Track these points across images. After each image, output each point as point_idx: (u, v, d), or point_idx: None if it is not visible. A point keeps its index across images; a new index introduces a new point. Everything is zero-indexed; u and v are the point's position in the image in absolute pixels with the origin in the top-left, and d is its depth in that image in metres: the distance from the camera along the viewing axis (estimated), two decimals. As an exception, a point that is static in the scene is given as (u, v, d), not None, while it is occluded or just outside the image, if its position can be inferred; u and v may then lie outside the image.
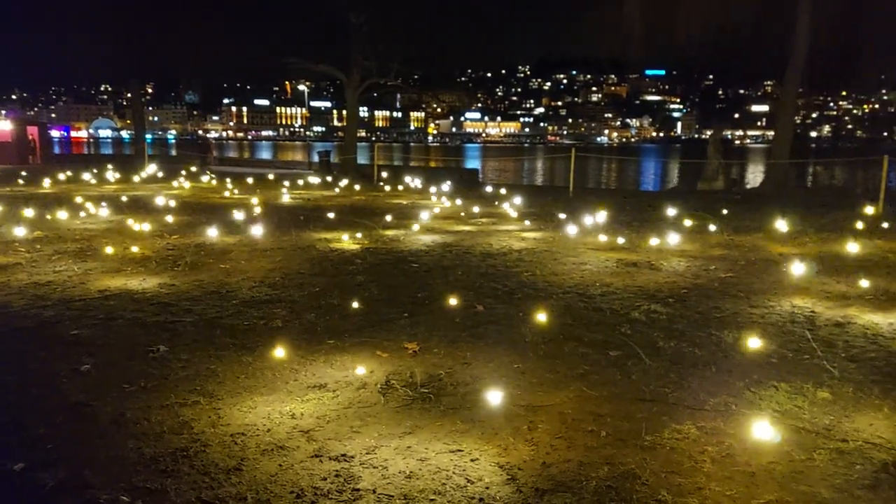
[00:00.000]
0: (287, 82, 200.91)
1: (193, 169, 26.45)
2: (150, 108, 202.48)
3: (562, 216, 13.18)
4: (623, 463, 3.39)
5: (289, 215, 13.31)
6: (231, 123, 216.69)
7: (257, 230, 10.70)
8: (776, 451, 3.53)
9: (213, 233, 10.53)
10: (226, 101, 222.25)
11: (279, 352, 4.97)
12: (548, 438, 3.68)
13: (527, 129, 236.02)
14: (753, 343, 5.27)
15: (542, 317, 5.91)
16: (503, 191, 19.51)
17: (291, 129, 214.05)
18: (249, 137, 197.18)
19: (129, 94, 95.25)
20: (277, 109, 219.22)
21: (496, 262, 8.69)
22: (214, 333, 5.52)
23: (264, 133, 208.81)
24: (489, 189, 20.91)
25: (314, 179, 23.24)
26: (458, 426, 3.82)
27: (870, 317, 6.18)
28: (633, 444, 3.62)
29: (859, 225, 11.86)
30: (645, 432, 3.75)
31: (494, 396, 4.09)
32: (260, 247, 9.62)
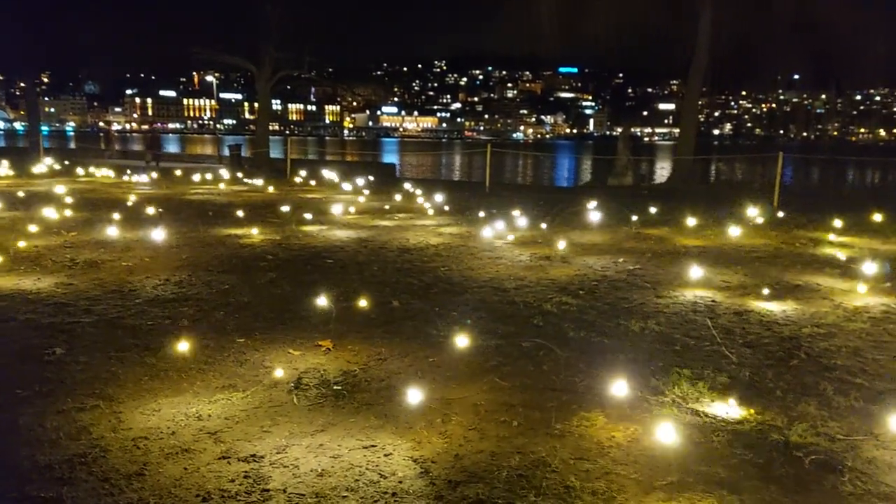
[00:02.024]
0: (195, 73, 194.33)
1: (95, 162, 25.18)
2: (47, 99, 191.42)
3: (478, 211, 13.30)
4: (534, 451, 3.45)
5: (197, 211, 12.88)
6: (135, 115, 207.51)
7: (163, 226, 10.30)
8: (678, 434, 3.67)
9: (114, 229, 10.06)
10: (129, 91, 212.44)
11: (185, 352, 4.80)
12: (461, 430, 3.70)
13: (444, 125, 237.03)
14: (659, 332, 5.47)
15: (457, 311, 5.95)
16: (420, 186, 19.52)
17: (200, 122, 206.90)
18: (154, 129, 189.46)
19: (22, 84, 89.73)
20: (185, 101, 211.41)
21: (412, 258, 8.68)
22: (116, 334, 5.28)
23: (171, 126, 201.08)
24: (406, 184, 20.89)
25: (224, 174, 22.57)
26: (371, 422, 3.80)
27: (765, 305, 6.53)
28: (543, 432, 3.69)
29: (757, 218, 12.52)
30: (555, 421, 3.83)
31: (409, 391, 4.08)
32: (165, 244, 9.26)
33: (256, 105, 33.04)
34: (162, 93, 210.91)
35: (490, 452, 3.45)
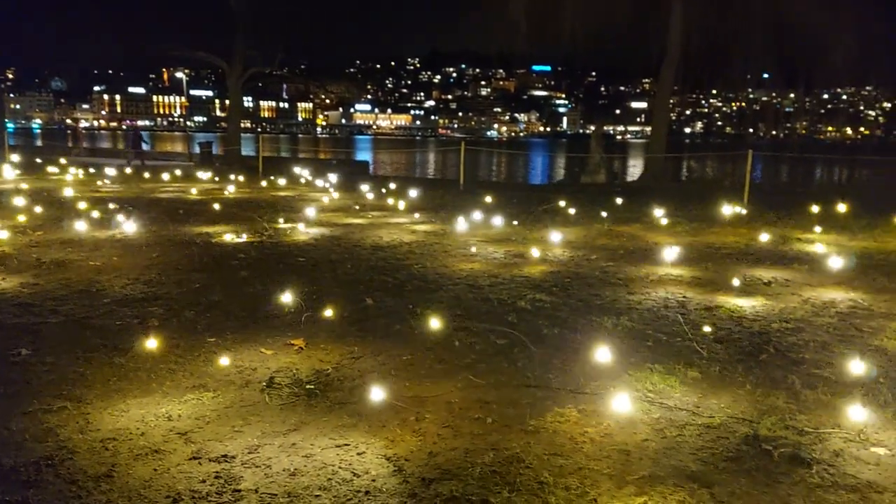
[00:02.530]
0: (164, 70, 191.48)
1: (63, 161, 24.71)
2: (12, 95, 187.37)
3: (452, 209, 13.30)
4: (508, 448, 3.46)
5: (167, 209, 12.71)
6: (103, 112, 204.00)
7: (132, 225, 10.15)
8: (650, 429, 3.71)
9: (82, 228, 9.89)
10: (97, 88, 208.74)
11: (155, 352, 4.73)
12: (435, 428, 3.70)
13: (418, 122, 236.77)
14: (631, 328, 5.51)
15: (431, 309, 5.94)
16: (394, 183, 19.46)
17: (170, 119, 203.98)
18: (124, 127, 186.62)
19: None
20: (154, 98, 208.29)
21: (386, 255, 8.65)
22: (83, 335, 5.18)
23: (140, 123, 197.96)
24: (380, 182, 20.81)
25: (195, 171, 22.30)
26: (344, 421, 3.77)
27: (735, 300, 6.62)
28: (517, 428, 3.70)
29: (727, 215, 12.68)
30: (529, 417, 3.84)
31: (382, 389, 4.07)
32: (134, 242, 9.12)
33: (227, 102, 32.67)
34: (131, 89, 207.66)
35: (464, 449, 3.44)
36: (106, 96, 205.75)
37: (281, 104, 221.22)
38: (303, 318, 5.70)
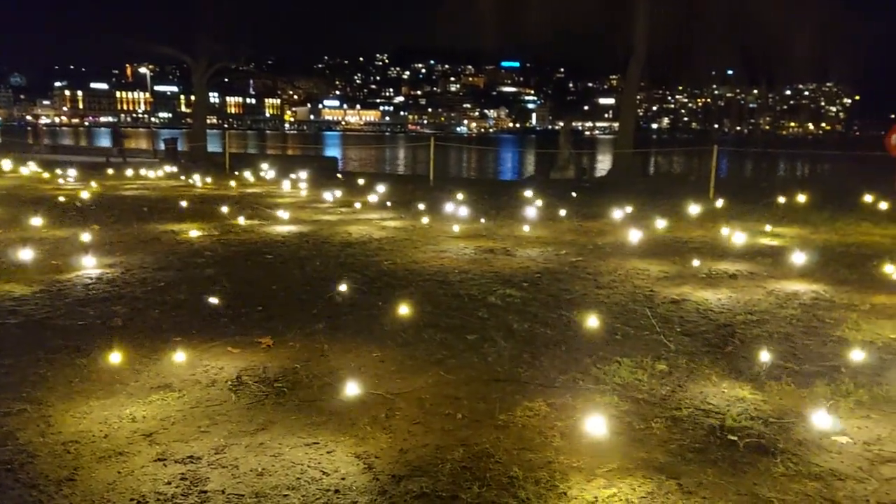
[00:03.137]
0: (128, 65, 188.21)
1: (24, 158, 24.11)
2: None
3: (422, 205, 13.27)
4: (478, 443, 3.46)
5: (131, 207, 12.48)
6: (65, 108, 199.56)
7: (95, 223, 9.94)
8: (619, 422, 3.74)
9: (42, 227, 9.65)
10: (58, 84, 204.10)
11: (118, 352, 4.63)
12: (405, 425, 3.68)
13: (387, 118, 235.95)
14: (600, 322, 5.55)
15: (401, 305, 5.91)
16: (363, 179, 19.37)
17: (134, 115, 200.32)
18: (87, 123, 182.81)
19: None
20: (118, 94, 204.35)
21: (356, 252, 8.60)
22: (44, 335, 5.06)
23: (103, 119, 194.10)
24: (349, 178, 20.69)
25: (160, 168, 21.94)
26: (313, 419, 3.74)
27: (701, 293, 6.70)
28: (487, 424, 3.70)
29: (694, 210, 12.84)
30: (499, 412, 3.84)
31: (352, 386, 4.04)
32: (98, 241, 8.94)
33: (193, 98, 32.19)
34: (93, 85, 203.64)
35: (435, 446, 3.43)
36: (67, 92, 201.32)
37: (248, 100, 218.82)
38: (271, 315, 5.64)
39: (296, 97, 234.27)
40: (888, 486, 3.12)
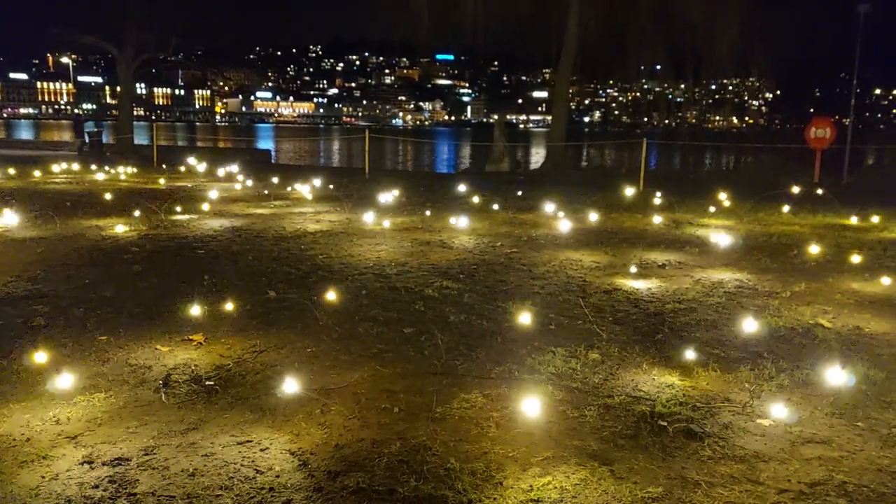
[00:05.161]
0: (49, 55, 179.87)
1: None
2: None
3: (358, 198, 13.16)
4: (415, 436, 3.46)
5: (53, 201, 11.95)
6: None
7: (12, 218, 9.48)
8: (554, 411, 3.80)
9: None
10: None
11: (41, 353, 4.43)
12: (341, 420, 3.65)
13: (321, 110, 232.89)
14: (535, 312, 5.63)
15: (337, 299, 5.86)
16: (297, 172, 19.07)
17: (56, 107, 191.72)
18: (4, 115, 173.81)
19: None
20: (38, 84, 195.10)
21: (290, 246, 8.46)
22: (-43, 337, 4.80)
23: (23, 111, 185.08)
24: (282, 171, 20.33)
25: (84, 161, 21.08)
26: (246, 417, 3.66)
27: (632, 283, 6.87)
28: (424, 417, 3.70)
29: (624, 201, 13.16)
30: (436, 404, 3.85)
31: (286, 383, 3.97)
32: (16, 237, 8.53)
33: (118, 89, 31.01)
34: (12, 75, 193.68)
35: (371, 440, 3.42)
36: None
37: (177, 91, 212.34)
38: (202, 312, 5.49)
39: (227, 88, 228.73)
40: (808, 466, 3.27)
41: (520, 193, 14.50)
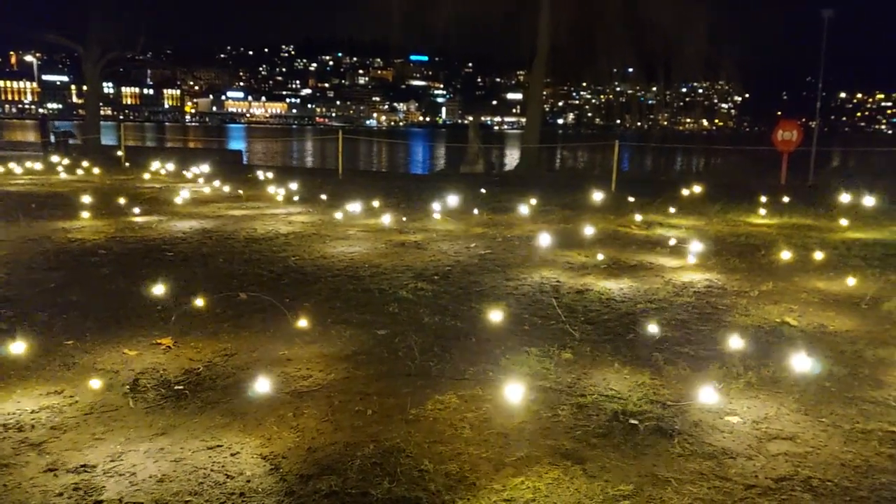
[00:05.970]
0: (12, 53, 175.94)
1: None
2: None
3: (331, 199, 13.09)
4: (388, 438, 3.44)
5: (17, 202, 11.71)
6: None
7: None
8: (527, 411, 3.81)
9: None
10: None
11: (2, 358, 4.33)
12: (314, 423, 3.62)
13: (294, 111, 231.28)
14: (509, 313, 5.64)
15: (310, 301, 5.81)
16: (270, 173, 18.91)
17: (20, 106, 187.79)
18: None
19: None
20: (1, 83, 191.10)
21: (261, 248, 8.39)
22: (-83, 342, 4.67)
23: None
24: (254, 171, 20.15)
25: (49, 161, 20.69)
26: (217, 421, 3.62)
27: (604, 283, 6.92)
28: (398, 419, 3.69)
29: (596, 202, 13.26)
30: (410, 406, 3.83)
31: (258, 386, 3.93)
32: (-20, 239, 8.34)
33: (84, 88, 30.49)
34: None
35: (344, 443, 3.39)
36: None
37: (145, 91, 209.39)
38: (171, 315, 5.42)
39: (197, 88, 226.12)
40: (774, 461, 3.32)
41: (494, 194, 14.53)
